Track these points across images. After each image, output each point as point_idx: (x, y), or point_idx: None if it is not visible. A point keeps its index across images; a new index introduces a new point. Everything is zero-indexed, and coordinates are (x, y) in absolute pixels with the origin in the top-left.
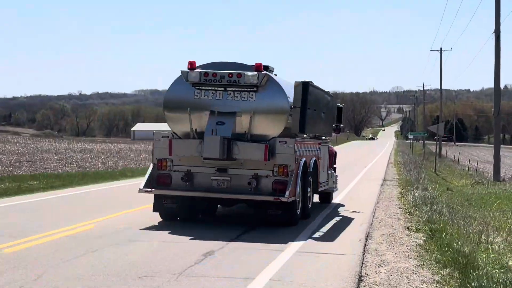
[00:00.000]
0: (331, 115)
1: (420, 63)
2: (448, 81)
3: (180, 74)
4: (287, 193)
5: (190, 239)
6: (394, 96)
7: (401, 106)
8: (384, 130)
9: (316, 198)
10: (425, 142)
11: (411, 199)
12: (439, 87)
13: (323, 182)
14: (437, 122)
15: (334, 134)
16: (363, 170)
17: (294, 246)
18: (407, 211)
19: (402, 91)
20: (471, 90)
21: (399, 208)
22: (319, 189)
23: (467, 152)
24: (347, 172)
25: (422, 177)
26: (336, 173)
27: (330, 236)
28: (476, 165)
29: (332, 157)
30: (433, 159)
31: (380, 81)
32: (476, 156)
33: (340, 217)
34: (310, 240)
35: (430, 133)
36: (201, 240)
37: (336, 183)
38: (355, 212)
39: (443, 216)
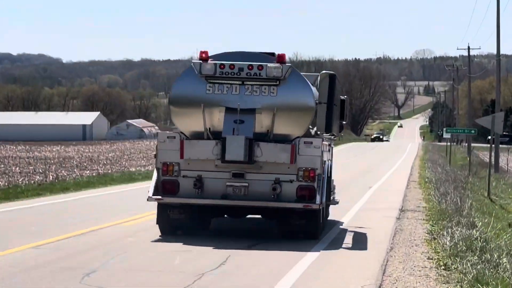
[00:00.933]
0: (338, 110)
1: (462, 14)
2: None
3: (190, 66)
4: (318, 198)
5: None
6: (418, 66)
7: (430, 83)
8: (400, 126)
9: None
10: (471, 145)
11: (448, 243)
12: (495, 51)
13: (333, 190)
14: (492, 111)
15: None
16: (367, 193)
17: None
18: (442, 264)
19: (433, 57)
20: None
21: (428, 258)
22: (332, 196)
23: None
24: (341, 195)
25: (467, 206)
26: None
27: None
28: None
29: None
30: (485, 174)
31: (395, 43)
32: None
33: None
34: None
35: (479, 130)
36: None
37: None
38: (353, 262)
39: (502, 272)
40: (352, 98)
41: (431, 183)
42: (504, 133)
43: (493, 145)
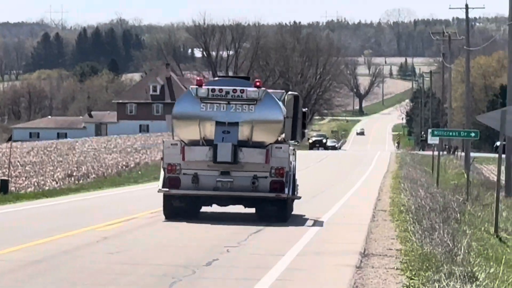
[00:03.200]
0: (301, 121)
1: None
2: None
3: (187, 89)
4: (286, 190)
5: None
6: (390, 35)
7: (408, 60)
8: (361, 132)
9: None
10: (471, 155)
11: None
12: (505, 12)
13: (297, 187)
14: (502, 103)
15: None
16: (312, 229)
17: None
18: None
19: (412, 21)
20: None
21: None
22: (295, 192)
23: None
24: (273, 232)
25: (464, 248)
26: None
27: None
28: None
29: None
30: (491, 199)
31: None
32: None
33: None
34: None
35: (483, 132)
36: None
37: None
38: None
39: None
40: (289, 83)
41: (409, 214)
42: None
43: (503, 156)
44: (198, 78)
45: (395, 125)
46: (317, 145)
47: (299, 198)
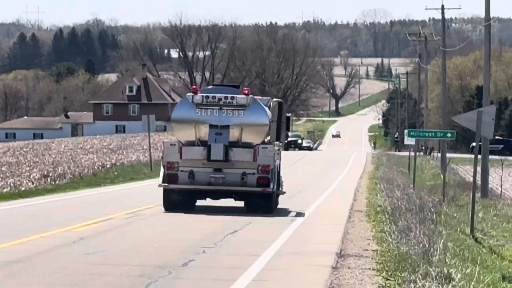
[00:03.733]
0: (285, 124)
1: None
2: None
3: (185, 97)
4: (271, 185)
5: None
6: (366, 35)
7: (384, 61)
8: (337, 135)
9: None
10: (447, 155)
11: None
12: (481, 13)
13: (282, 183)
14: (478, 103)
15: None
16: (288, 229)
17: None
18: None
19: (388, 22)
20: None
21: None
22: (281, 188)
23: None
24: (249, 231)
25: (440, 248)
26: None
27: None
28: None
29: None
30: (467, 200)
31: (332, 0)
32: None
33: None
34: None
35: (459, 133)
36: None
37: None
38: None
39: None
40: (265, 84)
41: (385, 214)
42: (496, 137)
43: (479, 156)
44: (194, 87)
45: (372, 126)
46: (292, 145)
47: (284, 193)
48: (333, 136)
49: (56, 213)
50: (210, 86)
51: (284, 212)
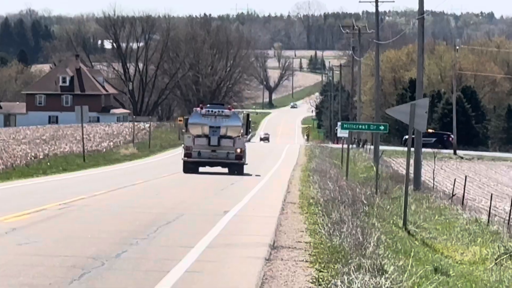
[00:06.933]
0: (249, 125)
1: None
2: None
3: (195, 110)
4: (243, 159)
5: None
6: (300, 27)
7: (318, 54)
8: (266, 138)
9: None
10: (380, 148)
11: None
12: (415, 6)
13: (246, 158)
14: (411, 96)
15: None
16: (220, 221)
17: None
18: None
19: (322, 14)
20: (499, 17)
21: None
22: (245, 160)
23: (486, 174)
24: (180, 225)
25: (373, 241)
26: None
27: None
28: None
29: None
30: (400, 193)
31: None
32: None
33: None
34: None
35: (392, 125)
36: None
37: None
38: None
39: None
40: (199, 75)
41: (318, 206)
42: (429, 130)
43: (412, 149)
44: (201, 105)
45: (304, 118)
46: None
47: (247, 164)
48: (261, 139)
49: None
50: (208, 105)
51: (215, 205)
